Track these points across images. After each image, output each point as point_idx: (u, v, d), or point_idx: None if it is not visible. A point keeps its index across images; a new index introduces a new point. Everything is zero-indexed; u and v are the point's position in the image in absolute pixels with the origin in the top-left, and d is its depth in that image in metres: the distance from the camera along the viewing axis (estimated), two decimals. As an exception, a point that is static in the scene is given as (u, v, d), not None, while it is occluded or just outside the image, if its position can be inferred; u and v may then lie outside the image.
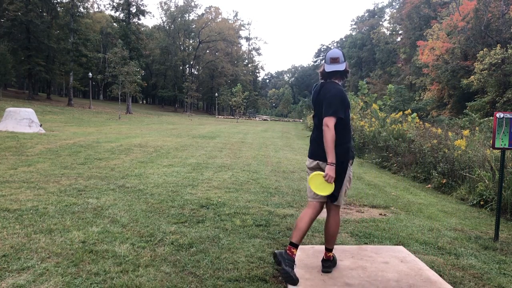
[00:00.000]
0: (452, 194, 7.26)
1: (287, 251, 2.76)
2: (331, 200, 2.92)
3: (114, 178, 6.17)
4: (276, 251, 2.85)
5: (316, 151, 2.94)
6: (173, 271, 2.86)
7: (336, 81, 2.98)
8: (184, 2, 72.37)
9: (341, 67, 2.91)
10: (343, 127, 2.85)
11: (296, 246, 2.80)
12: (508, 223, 5.21)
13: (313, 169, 2.95)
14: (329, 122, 2.76)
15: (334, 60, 2.91)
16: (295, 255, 2.78)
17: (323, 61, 3.02)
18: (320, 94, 2.97)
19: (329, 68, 2.91)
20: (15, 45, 38.53)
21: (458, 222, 4.98)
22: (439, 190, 7.74)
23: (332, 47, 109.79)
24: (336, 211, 2.98)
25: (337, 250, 3.38)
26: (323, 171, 2.81)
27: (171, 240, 3.48)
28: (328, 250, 3.01)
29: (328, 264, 3.00)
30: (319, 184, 2.79)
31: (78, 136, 12.82)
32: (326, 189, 2.78)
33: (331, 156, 2.73)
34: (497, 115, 4.08)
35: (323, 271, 2.97)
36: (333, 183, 2.77)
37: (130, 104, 42.98)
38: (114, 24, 51.01)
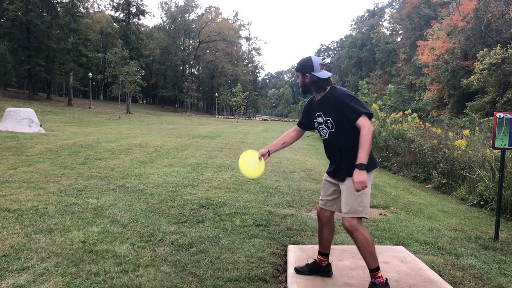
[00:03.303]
0: (452, 194, 7.25)
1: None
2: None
3: (114, 178, 6.17)
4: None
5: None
6: (173, 271, 2.86)
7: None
8: (184, 2, 72.51)
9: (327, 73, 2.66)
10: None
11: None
12: (508, 223, 5.21)
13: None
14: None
15: (323, 66, 2.67)
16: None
17: (308, 70, 2.64)
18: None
19: (325, 74, 2.63)
20: (15, 45, 38.58)
21: (458, 222, 4.98)
22: (439, 190, 7.74)
23: (332, 47, 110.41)
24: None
25: (337, 249, 3.38)
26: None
27: (171, 240, 3.48)
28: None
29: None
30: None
31: (78, 136, 12.82)
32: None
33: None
34: (497, 115, 4.08)
35: None
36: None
37: (130, 104, 43.04)
38: (114, 24, 51.16)
